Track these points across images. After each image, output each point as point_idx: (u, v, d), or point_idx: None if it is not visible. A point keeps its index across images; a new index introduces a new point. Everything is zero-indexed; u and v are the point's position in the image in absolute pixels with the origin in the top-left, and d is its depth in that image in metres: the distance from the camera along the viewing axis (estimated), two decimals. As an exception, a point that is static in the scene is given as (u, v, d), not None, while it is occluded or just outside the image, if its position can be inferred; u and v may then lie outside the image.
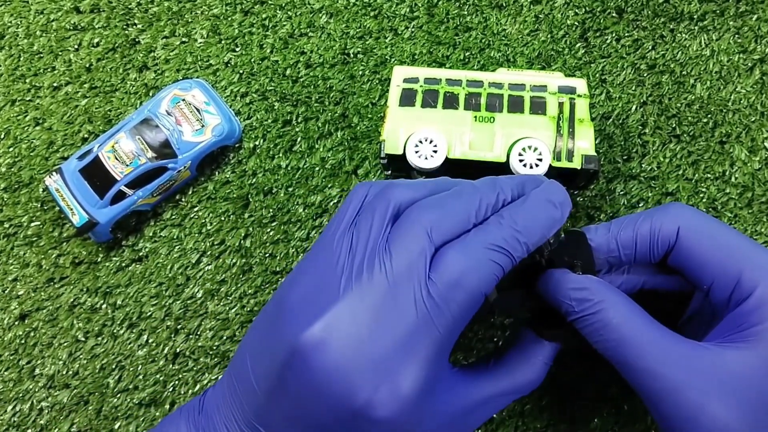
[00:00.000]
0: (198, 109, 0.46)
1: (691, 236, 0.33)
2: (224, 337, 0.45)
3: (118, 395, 0.45)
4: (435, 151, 0.40)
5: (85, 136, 0.49)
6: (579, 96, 0.41)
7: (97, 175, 0.45)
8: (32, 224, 0.48)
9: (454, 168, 0.41)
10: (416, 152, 0.40)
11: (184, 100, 0.46)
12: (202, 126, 0.46)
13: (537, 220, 0.31)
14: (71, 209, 0.45)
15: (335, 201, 0.46)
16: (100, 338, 0.45)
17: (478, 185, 0.33)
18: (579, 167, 0.40)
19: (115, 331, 0.45)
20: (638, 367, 0.30)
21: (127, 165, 0.45)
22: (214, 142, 0.46)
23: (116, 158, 0.45)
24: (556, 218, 0.32)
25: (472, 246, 0.30)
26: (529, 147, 0.40)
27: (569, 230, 0.35)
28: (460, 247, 0.30)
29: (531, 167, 0.40)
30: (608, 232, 0.35)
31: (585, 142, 0.40)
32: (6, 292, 0.46)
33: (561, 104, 0.41)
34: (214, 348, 0.45)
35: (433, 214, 0.30)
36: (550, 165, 0.40)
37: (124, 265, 0.46)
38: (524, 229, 0.31)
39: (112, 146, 0.45)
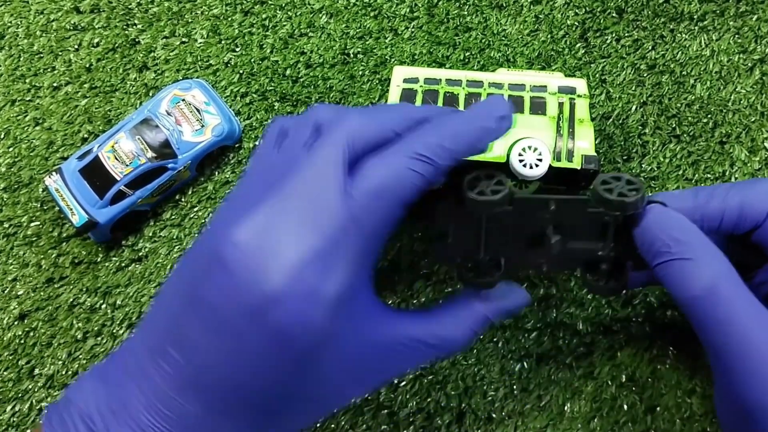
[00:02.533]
0: (198, 109, 0.46)
1: None
2: (224, 337, 0.45)
3: (118, 395, 0.44)
4: None
5: (85, 136, 0.49)
6: (579, 96, 0.41)
7: (96, 175, 0.45)
8: (32, 224, 0.48)
9: (454, 168, 0.41)
10: None
11: (184, 100, 0.46)
12: (202, 126, 0.46)
13: (468, 129, 0.31)
14: (71, 209, 0.45)
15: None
16: (99, 338, 0.45)
17: (413, 105, 0.32)
18: (579, 167, 0.40)
19: (114, 331, 0.45)
20: (726, 322, 0.29)
21: (127, 165, 0.45)
22: (214, 142, 0.46)
23: (116, 158, 0.45)
24: (490, 128, 0.31)
25: (392, 154, 0.29)
26: (529, 147, 0.40)
27: (650, 199, 0.33)
28: (381, 155, 0.29)
29: (531, 167, 0.40)
30: (695, 201, 0.33)
31: (585, 143, 0.40)
32: (5, 291, 0.46)
33: (561, 104, 0.41)
34: (214, 348, 0.45)
35: (354, 122, 0.30)
36: (550, 165, 0.40)
37: (123, 265, 0.46)
38: (451, 136, 0.30)
39: (112, 146, 0.45)
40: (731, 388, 0.30)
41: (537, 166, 0.40)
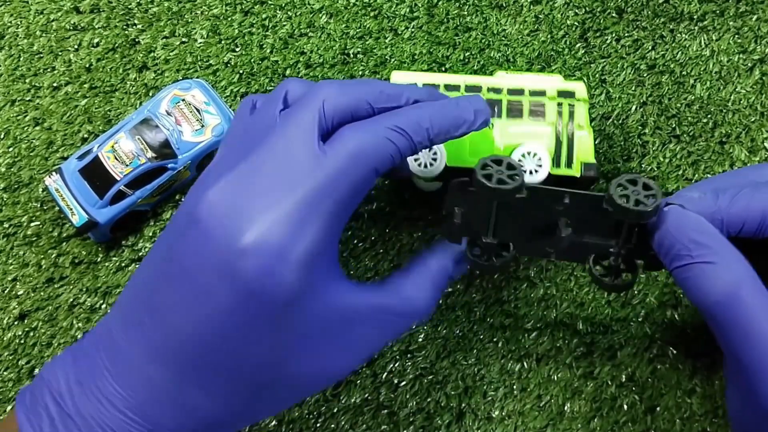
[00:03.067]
0: (198, 109, 0.46)
1: None
2: (224, 337, 0.45)
3: (118, 395, 0.44)
4: (434, 159, 0.40)
5: (85, 136, 0.49)
6: (578, 100, 0.41)
7: (96, 175, 0.45)
8: (32, 224, 0.48)
9: (454, 175, 0.41)
10: (415, 160, 0.40)
11: (183, 100, 0.46)
12: (202, 126, 0.46)
13: (446, 115, 0.32)
14: (71, 209, 0.45)
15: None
16: (99, 338, 0.45)
17: (387, 82, 0.34)
18: (578, 175, 0.40)
19: (114, 331, 0.45)
20: (748, 327, 0.29)
21: (127, 165, 0.45)
22: (214, 142, 0.46)
23: (116, 158, 0.45)
24: (468, 120, 0.33)
25: (371, 123, 0.30)
26: (528, 153, 0.40)
27: (668, 201, 0.33)
28: (359, 123, 0.31)
29: (530, 173, 0.40)
30: (715, 205, 0.32)
31: (584, 149, 0.40)
32: (5, 291, 0.46)
33: (560, 110, 0.41)
34: (214, 348, 0.45)
35: (328, 90, 0.31)
36: (549, 172, 0.40)
37: (123, 265, 0.46)
38: (429, 118, 0.31)
39: (112, 146, 0.45)
40: (751, 393, 0.30)
41: (537, 171, 0.40)
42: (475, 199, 0.33)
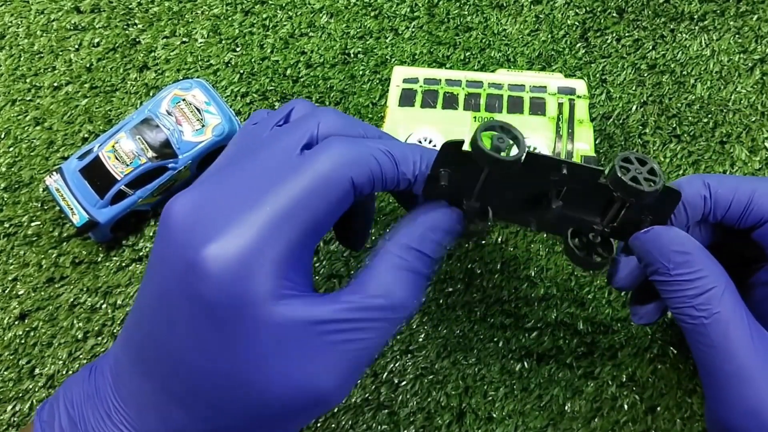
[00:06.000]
0: (198, 109, 0.46)
1: None
2: (224, 337, 0.45)
3: (118, 395, 0.44)
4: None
5: (86, 135, 0.49)
6: (578, 97, 0.42)
7: (97, 175, 0.45)
8: (32, 224, 0.48)
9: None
10: None
11: (184, 99, 0.46)
12: (203, 126, 0.46)
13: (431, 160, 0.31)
14: (71, 209, 0.45)
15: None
16: (99, 338, 0.45)
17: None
18: None
19: (115, 330, 0.45)
20: (718, 345, 0.29)
21: (128, 165, 0.45)
22: (214, 141, 0.46)
23: (116, 158, 0.45)
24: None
25: (359, 139, 0.30)
26: (528, 147, 0.40)
27: (668, 188, 0.32)
28: (348, 137, 0.30)
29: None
30: (705, 185, 0.33)
31: (584, 143, 0.40)
32: (6, 291, 0.46)
33: (560, 105, 0.41)
34: (214, 348, 0.45)
35: (327, 113, 0.31)
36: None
37: (124, 264, 0.46)
38: (421, 155, 0.31)
39: (113, 146, 0.45)
40: (716, 407, 0.30)
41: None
42: (467, 163, 0.31)
